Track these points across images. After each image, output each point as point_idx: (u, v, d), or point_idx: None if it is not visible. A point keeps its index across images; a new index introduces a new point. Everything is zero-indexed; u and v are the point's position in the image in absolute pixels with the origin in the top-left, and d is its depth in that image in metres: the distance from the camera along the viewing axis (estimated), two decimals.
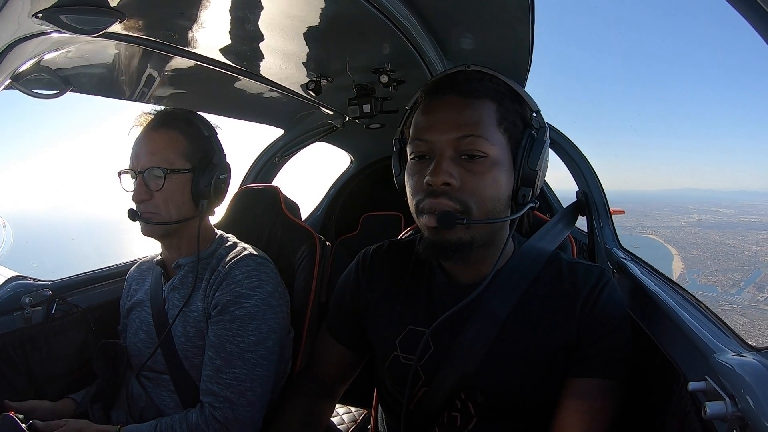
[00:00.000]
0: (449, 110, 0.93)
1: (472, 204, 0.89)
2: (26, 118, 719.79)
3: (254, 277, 1.25)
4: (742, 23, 0.70)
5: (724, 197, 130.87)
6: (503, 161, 0.93)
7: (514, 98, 0.97)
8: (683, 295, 1.13)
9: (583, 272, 0.98)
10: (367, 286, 1.13)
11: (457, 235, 0.91)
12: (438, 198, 0.89)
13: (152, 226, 1.26)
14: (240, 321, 1.20)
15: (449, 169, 0.89)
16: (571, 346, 0.93)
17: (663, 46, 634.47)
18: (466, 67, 1.00)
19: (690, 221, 73.95)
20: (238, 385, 1.17)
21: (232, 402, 1.16)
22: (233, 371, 1.17)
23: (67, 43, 1.07)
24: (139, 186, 1.24)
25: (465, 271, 1.02)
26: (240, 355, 1.18)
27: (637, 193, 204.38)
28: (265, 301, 1.24)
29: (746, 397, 0.64)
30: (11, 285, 1.37)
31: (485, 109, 0.93)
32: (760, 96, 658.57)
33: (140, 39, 1.15)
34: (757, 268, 51.51)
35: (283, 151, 2.56)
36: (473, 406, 0.96)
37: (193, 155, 1.30)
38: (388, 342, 1.05)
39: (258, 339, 1.21)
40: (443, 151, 0.91)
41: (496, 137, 0.92)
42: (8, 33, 0.84)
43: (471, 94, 0.93)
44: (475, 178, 0.90)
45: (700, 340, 0.84)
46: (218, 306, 1.22)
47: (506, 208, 0.96)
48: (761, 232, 67.52)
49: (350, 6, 1.06)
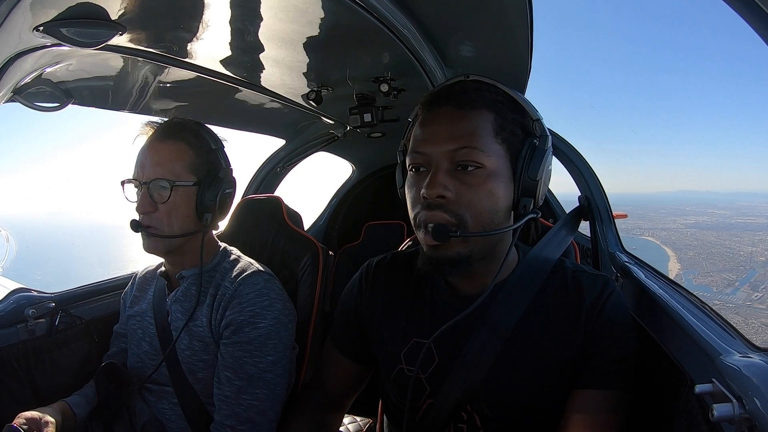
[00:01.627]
0: (445, 122, 0.92)
1: (468, 217, 0.88)
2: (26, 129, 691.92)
3: (265, 296, 1.24)
4: (740, 29, 0.70)
5: (721, 199, 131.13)
6: (501, 172, 0.91)
7: (514, 107, 0.96)
8: (688, 297, 1.12)
9: (588, 281, 0.97)
10: (371, 298, 1.12)
11: (454, 250, 0.90)
12: (433, 211, 0.89)
13: (155, 241, 1.24)
14: (257, 342, 1.20)
15: (444, 181, 0.88)
16: (577, 356, 0.92)
17: (662, 50, 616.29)
18: (466, 77, 0.99)
19: (687, 223, 74.09)
20: (260, 406, 1.18)
21: (255, 423, 1.17)
22: (255, 392, 1.18)
23: (68, 56, 1.08)
24: (143, 197, 1.22)
25: (468, 282, 1.01)
26: (260, 376, 1.18)
27: (635, 196, 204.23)
28: (278, 319, 1.24)
29: (753, 398, 0.63)
30: (14, 297, 1.37)
31: (481, 120, 0.91)
32: (760, 97, 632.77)
33: (141, 51, 1.15)
34: (752, 268, 51.77)
35: (284, 162, 2.57)
36: (479, 418, 0.95)
37: (199, 168, 1.28)
38: (393, 355, 1.04)
39: (275, 359, 1.21)
40: (439, 163, 0.90)
41: (493, 148, 0.91)
42: (9, 46, 0.85)
43: (467, 104, 0.92)
44: (470, 191, 0.89)
45: (705, 342, 0.84)
46: (231, 326, 1.21)
47: (506, 220, 0.95)
48: (757, 233, 67.63)
49: (350, 16, 1.06)
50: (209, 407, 1.25)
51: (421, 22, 1.20)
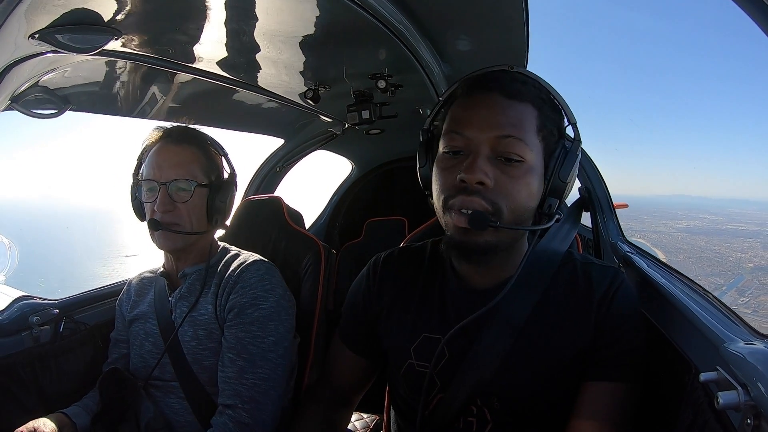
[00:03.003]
0: (492, 108, 0.90)
1: (504, 207, 0.88)
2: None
3: (267, 281, 1.30)
4: (740, 29, 0.69)
5: (714, 204, 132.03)
6: (537, 168, 0.91)
7: (554, 107, 0.95)
8: (690, 285, 1.12)
9: (598, 274, 0.97)
10: (379, 293, 1.11)
11: (484, 238, 0.89)
12: (471, 196, 0.87)
13: (174, 237, 1.29)
14: (259, 323, 1.25)
15: (485, 168, 0.87)
16: (587, 349, 0.92)
17: (661, 49, 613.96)
18: (510, 67, 0.98)
19: (678, 227, 74.32)
20: (263, 385, 1.21)
21: (258, 402, 1.20)
22: (257, 371, 1.21)
23: (64, 63, 1.08)
24: (162, 197, 1.27)
25: (479, 276, 1.00)
26: (263, 356, 1.23)
27: (628, 198, 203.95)
28: (279, 303, 1.29)
29: (758, 384, 0.63)
30: (18, 305, 1.37)
31: (527, 113, 0.90)
32: (758, 101, 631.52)
33: (137, 55, 1.15)
34: (740, 274, 52.12)
35: (284, 161, 2.57)
36: (489, 412, 0.95)
37: (210, 172, 1.35)
38: (403, 350, 1.03)
39: (277, 339, 1.26)
40: (480, 149, 0.88)
41: (534, 143, 0.90)
42: (5, 55, 0.85)
43: (515, 95, 0.91)
44: (510, 181, 0.88)
45: (709, 330, 0.84)
46: (234, 309, 1.26)
47: (532, 216, 0.95)
48: (747, 239, 67.90)
49: (344, 13, 1.06)
50: (215, 398, 1.26)
51: (416, 18, 1.20)
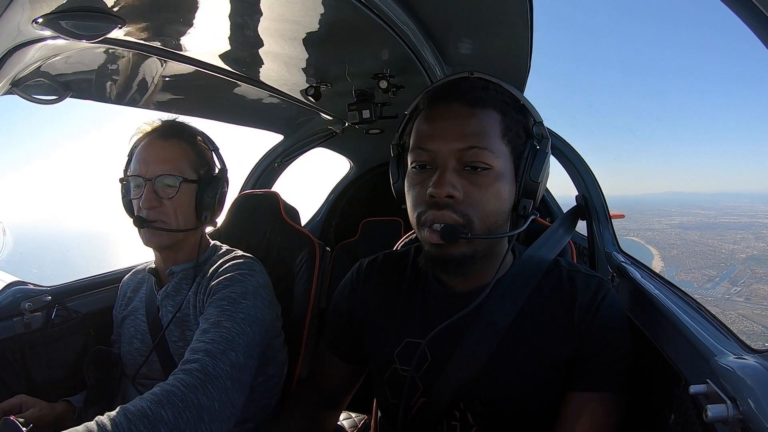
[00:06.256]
0: (453, 119, 0.90)
1: (475, 218, 0.88)
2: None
3: (245, 268, 1.25)
4: (740, 29, 0.70)
5: (706, 199, 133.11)
6: (506, 173, 0.91)
7: (518, 108, 0.95)
8: (683, 298, 1.12)
9: (582, 281, 0.97)
10: (363, 299, 1.11)
11: (459, 250, 0.89)
12: (441, 210, 0.87)
13: (159, 234, 1.25)
14: (230, 299, 1.15)
15: (453, 180, 0.87)
16: (572, 358, 0.92)
17: (660, 49, 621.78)
18: (470, 74, 0.98)
19: (671, 223, 74.88)
20: (222, 343, 1.06)
21: (214, 355, 1.03)
22: (219, 331, 1.08)
23: (66, 49, 1.07)
24: (148, 193, 1.23)
25: (462, 281, 1.00)
26: (230, 320, 1.11)
27: (622, 198, 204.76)
28: (256, 290, 1.21)
29: (747, 399, 0.64)
30: (11, 290, 1.37)
31: (490, 120, 0.90)
32: (752, 98, 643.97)
33: (140, 45, 1.15)
34: (732, 265, 52.99)
35: (282, 157, 2.57)
36: (472, 415, 0.95)
37: (199, 167, 1.31)
38: (387, 355, 1.03)
39: (246, 318, 1.13)
40: (446, 161, 0.88)
41: (500, 149, 0.90)
42: (8, 39, 0.85)
43: (476, 103, 0.91)
44: (478, 191, 0.88)
45: (700, 343, 0.84)
46: (210, 293, 1.20)
47: (507, 220, 0.95)
48: (739, 232, 68.61)
49: (349, 11, 1.06)
50: None
51: (420, 19, 1.20)
